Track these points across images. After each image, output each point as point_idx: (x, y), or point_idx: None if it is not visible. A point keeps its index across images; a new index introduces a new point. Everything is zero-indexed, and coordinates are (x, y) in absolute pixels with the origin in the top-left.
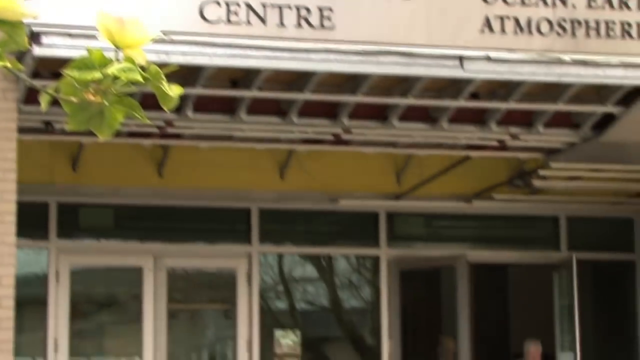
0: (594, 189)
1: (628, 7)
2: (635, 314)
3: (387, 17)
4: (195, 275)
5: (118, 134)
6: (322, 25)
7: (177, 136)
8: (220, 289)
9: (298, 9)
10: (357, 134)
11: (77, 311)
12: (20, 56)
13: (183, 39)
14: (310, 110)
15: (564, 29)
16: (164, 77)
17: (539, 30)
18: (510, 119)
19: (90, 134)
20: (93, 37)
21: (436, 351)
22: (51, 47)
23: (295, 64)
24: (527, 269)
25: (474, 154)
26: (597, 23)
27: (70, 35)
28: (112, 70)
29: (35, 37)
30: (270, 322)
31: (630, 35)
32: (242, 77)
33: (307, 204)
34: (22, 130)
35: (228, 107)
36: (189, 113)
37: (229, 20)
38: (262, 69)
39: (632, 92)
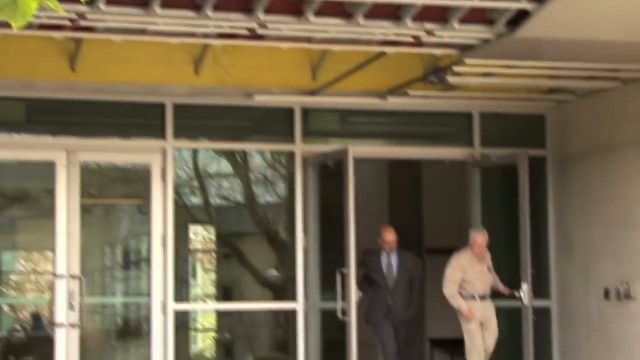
0: (507, 85)
1: None
2: (545, 208)
3: None
4: (109, 170)
5: (29, 26)
6: None
7: (90, 29)
8: (134, 184)
9: None
10: (272, 29)
11: None
12: None
13: None
14: (225, 4)
15: None
16: None
17: None
18: (425, 14)
19: (1, 25)
20: None
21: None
22: None
23: None
24: (441, 165)
25: (389, 49)
26: None
27: None
28: None
29: None
30: (184, 217)
31: None
32: None
33: (221, 99)
34: None
35: (142, 0)
36: (102, 5)
37: None
38: None
39: None
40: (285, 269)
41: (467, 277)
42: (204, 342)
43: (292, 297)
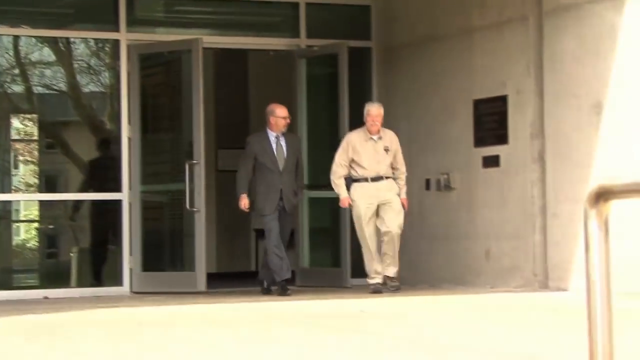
0: None
1: None
2: (370, 100)
3: None
4: None
5: None
6: None
7: None
8: None
9: None
10: None
11: None
12: None
13: None
14: None
15: None
16: None
17: None
18: None
19: None
20: None
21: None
22: None
23: None
24: (267, 55)
25: None
26: None
27: None
28: None
29: None
30: (6, 106)
31: None
32: None
33: None
34: None
35: None
36: None
37: None
38: None
39: None
40: (109, 159)
41: (357, 157)
42: (27, 233)
43: (116, 187)
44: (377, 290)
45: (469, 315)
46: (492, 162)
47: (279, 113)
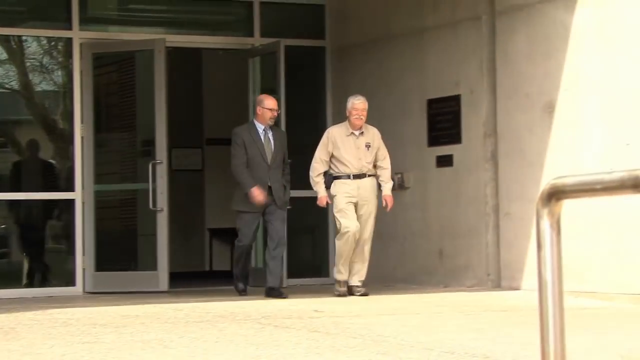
0: None
1: None
2: (324, 99)
3: None
4: None
5: None
6: None
7: None
8: None
9: None
10: None
11: None
12: None
13: None
14: None
15: None
16: None
17: None
18: None
19: None
20: None
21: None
22: None
23: None
24: (221, 53)
25: None
26: None
27: None
28: None
29: None
30: None
31: None
32: None
33: None
34: None
35: None
36: None
37: None
38: None
39: None
40: (62, 158)
41: (337, 153)
42: None
43: (69, 187)
44: (343, 295)
45: (421, 314)
46: (445, 161)
47: (267, 104)
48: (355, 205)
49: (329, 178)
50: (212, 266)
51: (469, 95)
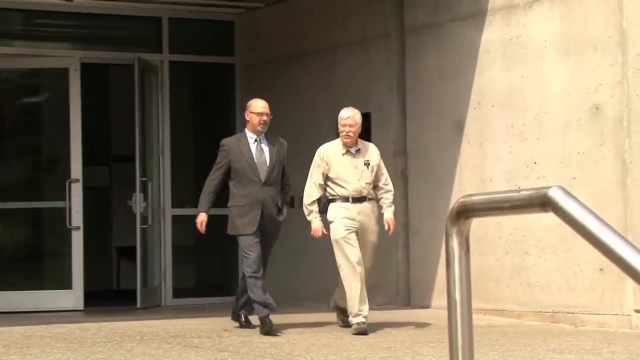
0: None
1: None
2: (233, 117)
3: None
4: None
5: None
6: None
7: None
8: None
9: None
10: None
11: None
12: None
13: None
14: None
15: None
16: None
17: None
18: None
19: None
20: None
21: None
22: None
23: None
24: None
25: None
26: None
27: None
28: None
29: None
30: None
31: None
32: None
33: None
34: None
35: None
36: None
37: None
38: None
39: None
40: None
41: (334, 174)
42: None
43: None
44: (362, 331)
45: (331, 333)
46: None
47: (254, 107)
48: (356, 232)
49: (324, 202)
50: (119, 285)
51: (379, 113)
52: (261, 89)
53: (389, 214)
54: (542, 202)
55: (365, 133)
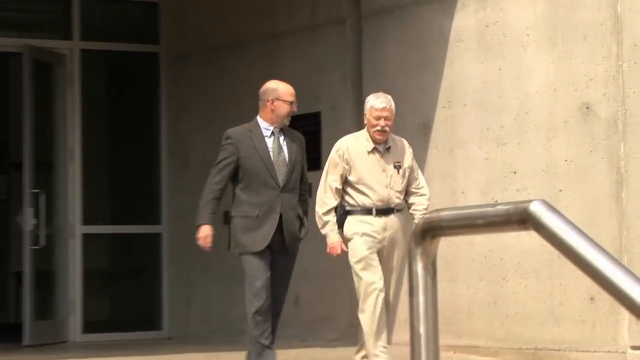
0: None
1: None
2: (158, 115)
3: None
4: None
5: None
6: None
7: None
8: None
9: None
10: None
11: None
12: None
13: None
14: None
15: None
16: None
17: None
18: None
19: None
20: None
21: None
22: None
23: None
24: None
25: None
26: None
27: None
28: None
29: None
30: None
31: None
32: None
33: None
34: None
35: None
36: None
37: None
38: None
39: None
40: None
41: (356, 177)
42: None
43: None
44: None
45: None
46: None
47: (284, 94)
48: (379, 252)
49: (340, 214)
50: (19, 317)
51: (331, 112)
52: (190, 82)
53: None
54: (522, 219)
55: (314, 136)
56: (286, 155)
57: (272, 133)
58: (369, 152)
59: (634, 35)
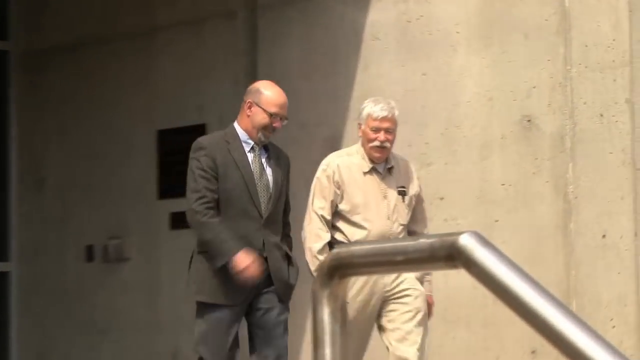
0: None
1: None
2: (7, 126)
3: None
4: None
5: None
6: None
7: None
8: None
9: None
10: None
11: None
12: None
13: None
14: None
15: None
16: None
17: None
18: None
19: None
20: None
21: None
22: None
23: None
24: None
25: None
26: None
27: None
28: None
29: None
30: None
31: None
32: None
33: None
34: None
35: None
36: None
37: None
38: None
39: None
40: None
41: (349, 204)
42: None
43: None
44: None
45: None
46: (184, 220)
47: (266, 101)
48: (384, 302)
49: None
50: None
51: (218, 124)
52: (47, 86)
53: (427, 289)
54: (449, 255)
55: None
56: (269, 178)
57: (252, 148)
58: (365, 174)
59: (585, 35)
